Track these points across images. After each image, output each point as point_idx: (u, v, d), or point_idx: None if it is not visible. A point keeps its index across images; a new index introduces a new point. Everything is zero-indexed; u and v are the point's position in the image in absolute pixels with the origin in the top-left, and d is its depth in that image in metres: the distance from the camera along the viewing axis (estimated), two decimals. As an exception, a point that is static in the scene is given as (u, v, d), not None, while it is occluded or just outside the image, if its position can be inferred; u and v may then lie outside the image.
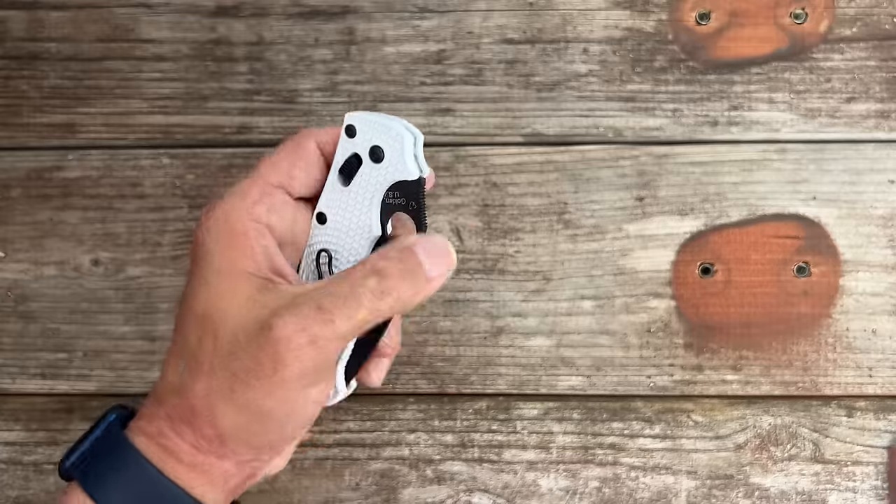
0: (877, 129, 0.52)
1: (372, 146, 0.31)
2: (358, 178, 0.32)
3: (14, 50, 0.54)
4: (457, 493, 0.52)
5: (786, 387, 0.51)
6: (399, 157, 0.31)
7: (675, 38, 0.52)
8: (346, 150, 0.32)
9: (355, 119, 0.32)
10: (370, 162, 0.31)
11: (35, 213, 0.53)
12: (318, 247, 0.33)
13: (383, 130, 0.31)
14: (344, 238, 0.32)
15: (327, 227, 0.32)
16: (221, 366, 0.31)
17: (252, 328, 0.30)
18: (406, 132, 0.32)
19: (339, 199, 0.32)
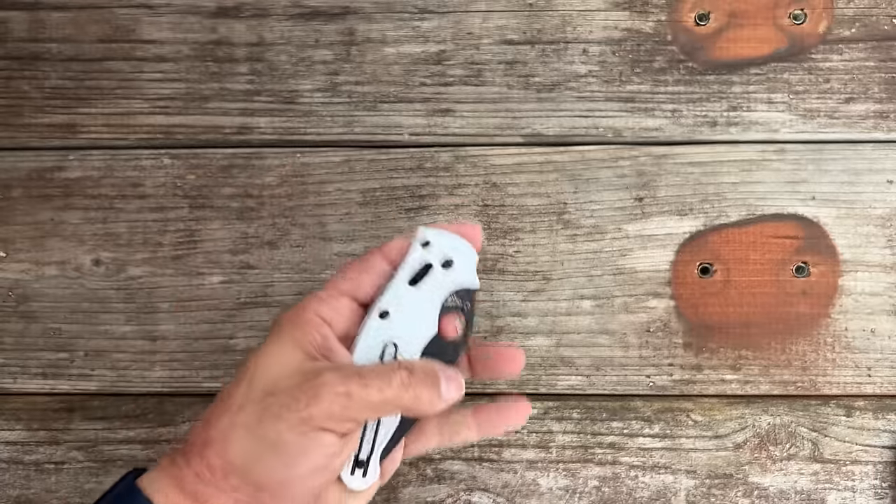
0: (875, 129, 0.52)
1: (444, 258, 0.38)
2: (426, 281, 0.38)
3: (15, 50, 0.54)
4: (457, 492, 0.52)
5: (785, 386, 0.51)
6: (467, 269, 0.39)
7: (675, 38, 0.52)
8: (420, 259, 0.38)
9: (430, 234, 0.38)
10: (441, 269, 0.38)
11: (36, 214, 0.53)
12: (382, 339, 0.38)
13: (455, 246, 0.39)
14: (407, 332, 0.38)
15: (390, 323, 0.38)
16: (254, 402, 0.35)
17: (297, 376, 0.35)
18: (474, 251, 0.39)
19: (404, 298, 0.38)
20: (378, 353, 0.38)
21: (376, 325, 0.38)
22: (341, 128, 0.53)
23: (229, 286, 0.53)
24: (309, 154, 0.53)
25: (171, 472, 0.35)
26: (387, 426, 0.38)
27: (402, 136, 0.53)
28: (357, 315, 0.38)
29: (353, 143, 0.53)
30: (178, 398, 0.53)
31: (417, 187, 0.52)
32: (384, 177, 0.53)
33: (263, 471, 0.34)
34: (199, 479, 0.35)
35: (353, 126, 0.53)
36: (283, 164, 0.53)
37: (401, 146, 0.53)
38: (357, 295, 0.38)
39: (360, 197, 0.53)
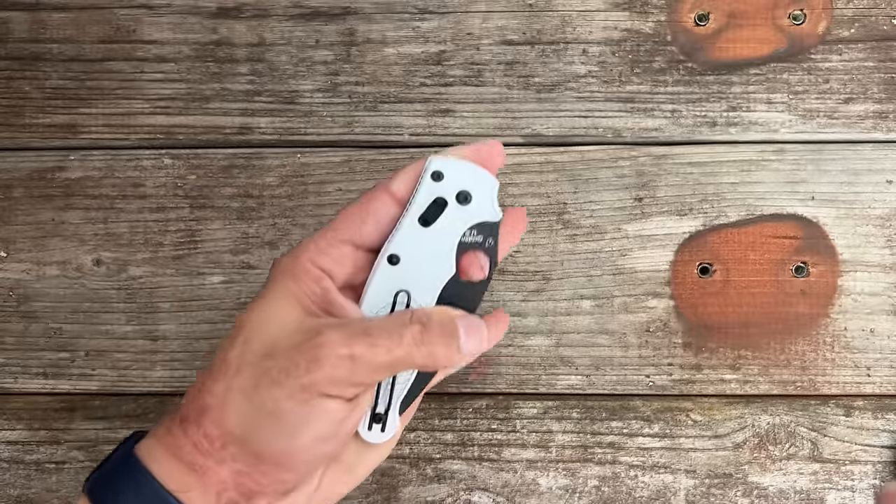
0: (875, 129, 0.52)
1: (461, 190, 0.34)
2: (441, 219, 0.34)
3: (16, 51, 0.54)
4: (457, 491, 0.52)
5: (784, 386, 0.52)
6: (487, 200, 0.34)
7: (674, 39, 0.52)
8: (430, 194, 0.34)
9: (441, 164, 0.34)
10: (456, 204, 0.34)
11: (37, 214, 0.53)
12: (394, 287, 0.34)
13: (471, 175, 0.34)
14: (420, 277, 0.34)
15: (401, 268, 0.34)
16: (251, 364, 0.32)
17: (297, 336, 0.32)
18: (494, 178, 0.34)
19: (415, 240, 0.34)
20: (388, 302, 0.34)
21: (385, 271, 0.34)
22: (341, 128, 0.53)
23: (230, 286, 0.53)
24: (309, 154, 0.53)
25: (167, 442, 0.33)
26: (404, 376, 0.34)
27: (403, 136, 0.53)
28: (362, 262, 0.34)
29: (353, 143, 0.53)
30: (178, 398, 0.53)
31: (417, 187, 0.52)
32: (384, 177, 0.53)
33: (263, 441, 0.32)
34: (196, 449, 0.32)
35: (353, 126, 0.53)
36: (284, 165, 0.53)
37: (401, 146, 0.53)
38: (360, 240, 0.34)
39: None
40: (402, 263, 0.34)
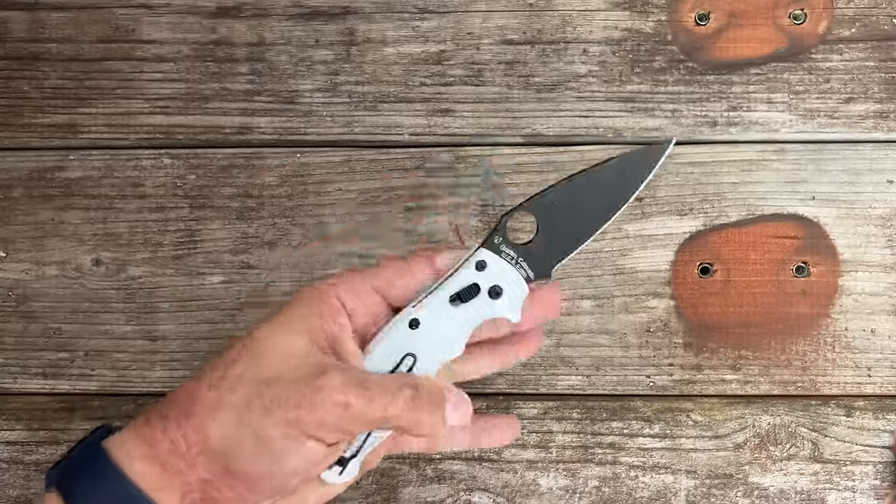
0: (875, 129, 0.52)
1: (494, 285, 0.36)
2: (470, 304, 0.36)
3: (15, 51, 0.54)
4: (457, 491, 0.52)
5: (785, 386, 0.51)
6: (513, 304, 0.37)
7: (675, 38, 0.52)
8: (467, 279, 0.36)
9: (488, 257, 0.37)
10: (487, 296, 0.36)
11: (37, 214, 0.53)
12: (404, 348, 0.36)
13: (509, 276, 0.37)
14: (431, 348, 0.36)
15: (417, 334, 0.36)
16: (249, 385, 0.32)
17: (301, 369, 0.32)
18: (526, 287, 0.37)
19: (440, 313, 0.36)
20: (395, 362, 0.36)
21: (402, 332, 0.36)
22: (341, 128, 0.53)
23: (229, 286, 0.53)
24: (309, 154, 0.53)
25: (144, 434, 0.33)
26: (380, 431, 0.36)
27: (403, 136, 0.53)
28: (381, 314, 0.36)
29: (353, 143, 0.53)
30: (178, 398, 0.53)
31: (418, 187, 0.52)
32: (384, 177, 0.53)
33: (240, 460, 0.32)
34: (173, 448, 0.32)
35: (353, 126, 0.53)
36: (283, 164, 0.53)
37: (401, 146, 0.53)
38: (388, 294, 0.36)
39: (360, 197, 0.53)
40: (420, 330, 0.36)
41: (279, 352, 0.33)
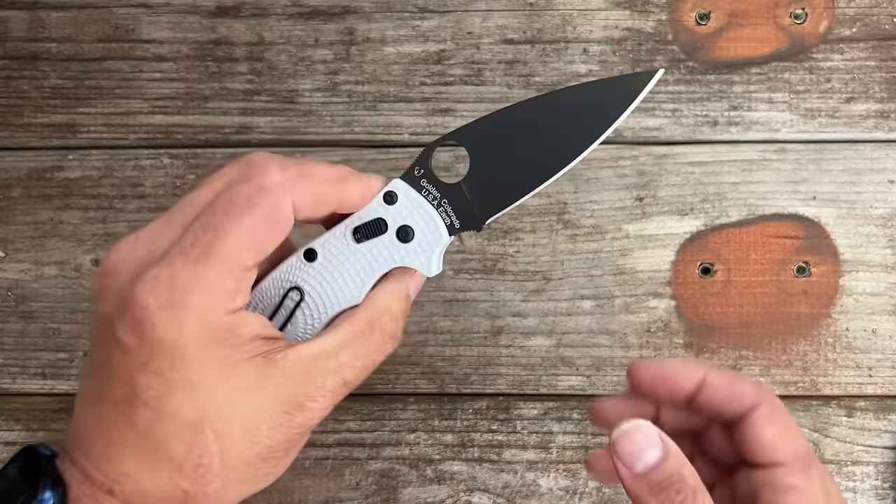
0: (876, 129, 0.52)
1: (404, 225, 0.31)
2: (372, 244, 0.31)
3: (15, 50, 0.54)
4: (457, 492, 0.52)
5: (785, 387, 0.51)
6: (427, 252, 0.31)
7: (675, 38, 0.52)
8: (373, 212, 0.31)
9: (399, 189, 0.31)
10: (395, 239, 0.31)
11: (36, 213, 0.53)
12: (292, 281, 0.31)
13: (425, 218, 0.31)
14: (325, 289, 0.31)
15: (312, 268, 0.31)
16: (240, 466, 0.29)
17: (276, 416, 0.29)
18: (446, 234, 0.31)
19: (339, 249, 0.31)
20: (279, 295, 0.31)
21: (295, 262, 0.31)
22: (341, 127, 0.53)
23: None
24: (308, 154, 0.53)
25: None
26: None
27: (403, 135, 0.53)
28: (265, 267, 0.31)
29: (352, 142, 0.53)
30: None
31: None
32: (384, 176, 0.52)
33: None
34: None
35: (352, 126, 0.53)
36: (283, 164, 0.53)
37: (401, 146, 0.53)
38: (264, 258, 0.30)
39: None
40: (316, 264, 0.31)
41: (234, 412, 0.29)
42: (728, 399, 0.31)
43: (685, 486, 0.28)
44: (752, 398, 0.31)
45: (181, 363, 0.28)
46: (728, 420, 0.32)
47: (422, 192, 0.31)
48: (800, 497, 0.29)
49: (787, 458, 0.30)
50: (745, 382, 0.31)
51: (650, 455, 0.29)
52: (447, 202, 0.31)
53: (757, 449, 0.30)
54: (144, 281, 0.28)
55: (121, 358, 0.28)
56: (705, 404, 0.31)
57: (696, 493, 0.28)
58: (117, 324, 0.28)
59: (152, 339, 0.28)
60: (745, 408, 0.31)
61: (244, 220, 0.29)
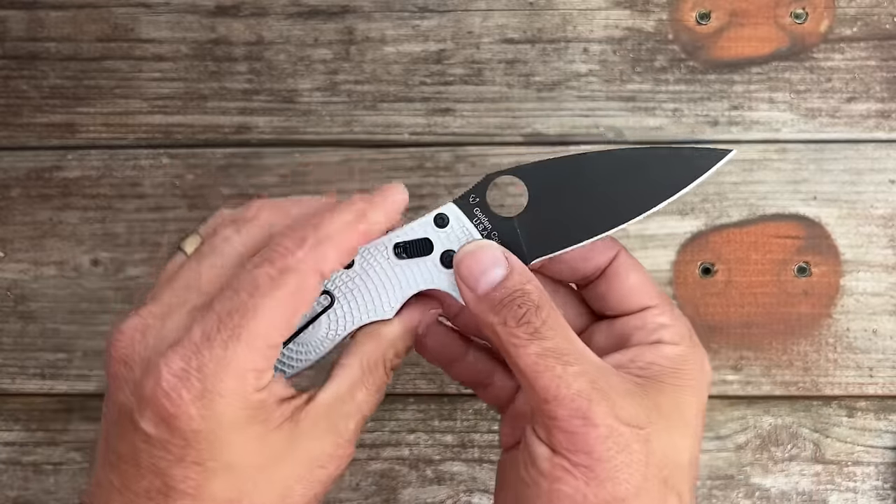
0: (877, 128, 0.52)
1: (449, 250, 0.30)
2: (414, 262, 0.30)
3: (13, 50, 0.54)
4: (457, 493, 0.52)
5: (786, 387, 0.51)
6: None
7: (676, 37, 0.52)
8: (420, 230, 0.31)
9: (452, 213, 0.30)
10: (438, 262, 0.30)
11: (35, 213, 0.53)
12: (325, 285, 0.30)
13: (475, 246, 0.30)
14: (357, 298, 0.31)
15: (346, 276, 0.31)
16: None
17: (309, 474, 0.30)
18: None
19: (378, 261, 0.31)
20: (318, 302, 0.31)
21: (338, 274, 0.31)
22: (341, 127, 0.53)
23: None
24: (308, 154, 0.53)
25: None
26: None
27: (402, 135, 0.53)
28: None
29: (352, 142, 0.53)
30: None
31: (417, 187, 0.52)
32: (384, 176, 0.52)
33: None
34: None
35: (352, 125, 0.53)
36: (282, 164, 0.53)
37: (401, 146, 0.53)
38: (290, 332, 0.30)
39: (359, 197, 0.52)
40: (352, 272, 0.31)
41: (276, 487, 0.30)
42: (584, 256, 0.31)
43: (528, 300, 0.28)
44: (608, 251, 0.31)
45: (218, 450, 0.28)
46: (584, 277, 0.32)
47: (473, 220, 0.31)
48: (672, 333, 0.31)
49: (654, 300, 0.31)
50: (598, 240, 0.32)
51: (494, 274, 0.29)
52: (496, 235, 0.30)
53: (625, 296, 0.31)
54: (172, 373, 0.28)
55: (151, 451, 0.28)
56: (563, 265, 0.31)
57: (539, 306, 0.28)
58: (142, 417, 0.28)
59: (188, 430, 0.28)
60: (603, 262, 0.31)
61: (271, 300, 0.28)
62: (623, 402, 0.28)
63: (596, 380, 0.28)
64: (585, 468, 0.27)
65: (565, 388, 0.27)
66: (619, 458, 0.28)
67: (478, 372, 0.34)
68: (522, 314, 0.28)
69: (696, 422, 0.31)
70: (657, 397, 0.29)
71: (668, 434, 0.29)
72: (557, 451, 0.28)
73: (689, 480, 0.30)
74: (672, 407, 0.30)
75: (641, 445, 0.28)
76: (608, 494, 0.27)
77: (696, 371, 0.31)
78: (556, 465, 0.28)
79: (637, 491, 0.28)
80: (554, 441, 0.28)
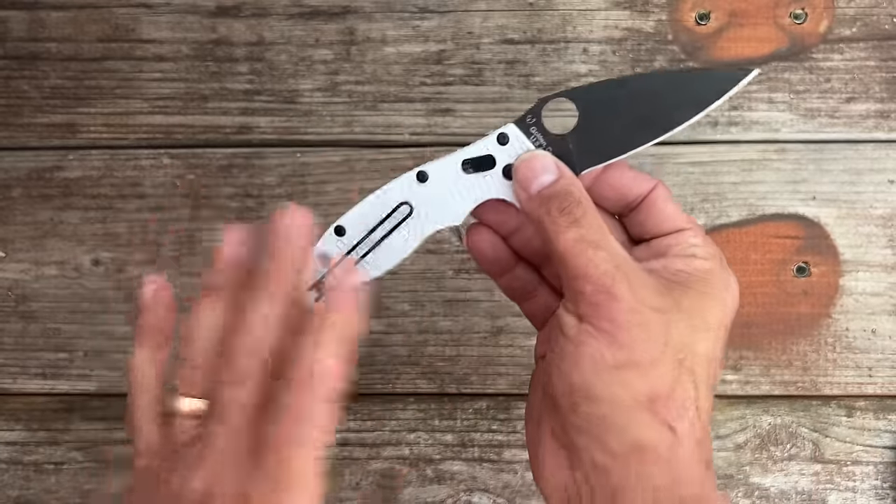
0: (876, 129, 0.52)
1: (510, 164, 0.34)
2: (479, 176, 0.34)
3: (15, 50, 0.54)
4: (457, 492, 0.52)
5: (785, 387, 0.51)
6: None
7: (675, 38, 0.52)
8: (484, 149, 0.34)
9: (511, 132, 0.34)
10: (500, 174, 0.34)
11: (36, 213, 0.53)
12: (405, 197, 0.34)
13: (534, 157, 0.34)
14: (431, 207, 0.34)
15: (422, 188, 0.34)
16: None
17: None
18: None
19: (448, 175, 0.34)
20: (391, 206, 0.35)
21: (408, 181, 0.35)
22: (341, 127, 0.53)
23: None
24: (309, 154, 0.53)
25: None
26: None
27: (403, 135, 0.53)
28: None
29: (353, 142, 0.53)
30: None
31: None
32: (384, 176, 0.52)
33: None
34: None
35: (353, 126, 0.53)
36: (283, 164, 0.53)
37: (401, 146, 0.53)
38: None
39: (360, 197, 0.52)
40: (426, 186, 0.34)
41: None
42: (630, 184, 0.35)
43: (571, 197, 0.32)
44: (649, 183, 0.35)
45: None
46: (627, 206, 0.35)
47: (530, 137, 0.34)
48: (704, 251, 0.34)
49: (689, 224, 0.35)
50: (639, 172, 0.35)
51: (546, 177, 0.33)
52: (552, 149, 0.34)
53: (663, 220, 0.34)
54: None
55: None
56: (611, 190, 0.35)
57: (580, 202, 0.32)
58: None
59: None
60: (644, 190, 0.35)
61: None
62: (646, 290, 0.31)
63: (621, 265, 0.31)
64: (607, 333, 0.30)
65: (594, 268, 0.31)
66: (639, 331, 0.31)
67: (525, 283, 0.37)
68: (566, 206, 0.32)
69: (718, 328, 0.33)
70: (680, 297, 0.32)
71: (688, 327, 0.32)
72: (584, 319, 0.31)
73: (705, 368, 0.32)
74: (694, 308, 0.33)
75: (661, 327, 0.31)
76: (625, 357, 0.30)
77: (721, 286, 0.34)
78: (581, 330, 0.31)
79: (652, 361, 0.31)
80: (581, 311, 0.31)
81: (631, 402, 0.31)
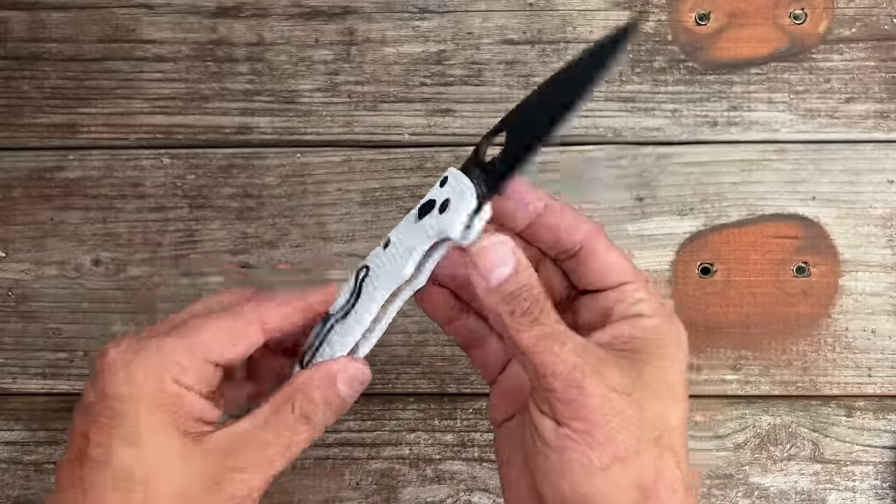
0: (876, 129, 0.52)
1: (446, 199, 0.33)
2: (426, 219, 0.34)
3: (15, 50, 0.54)
4: (457, 492, 0.52)
5: (785, 386, 0.51)
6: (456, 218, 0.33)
7: (675, 38, 0.52)
8: (429, 195, 0.34)
9: (451, 174, 0.34)
10: (437, 212, 0.34)
11: (36, 214, 0.53)
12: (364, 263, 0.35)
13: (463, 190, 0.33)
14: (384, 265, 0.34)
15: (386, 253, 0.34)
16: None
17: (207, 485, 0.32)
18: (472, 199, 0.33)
19: (406, 230, 0.34)
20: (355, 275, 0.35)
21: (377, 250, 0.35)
22: (341, 128, 0.53)
23: (229, 287, 0.53)
24: (309, 154, 0.53)
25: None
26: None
27: (402, 136, 0.53)
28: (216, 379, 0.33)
29: (353, 142, 0.53)
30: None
31: (417, 187, 0.52)
32: (384, 177, 0.53)
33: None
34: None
35: (353, 126, 0.53)
36: (283, 164, 0.53)
37: (401, 146, 0.53)
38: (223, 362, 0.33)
39: (359, 197, 0.52)
40: (389, 249, 0.34)
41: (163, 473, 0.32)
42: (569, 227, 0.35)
43: (531, 294, 0.32)
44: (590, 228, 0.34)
45: (128, 419, 0.31)
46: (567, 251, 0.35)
47: (470, 172, 0.34)
48: (649, 306, 0.34)
49: (631, 276, 0.34)
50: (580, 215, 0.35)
51: (503, 269, 0.32)
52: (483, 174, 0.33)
53: (606, 272, 0.34)
54: (116, 350, 0.32)
55: (84, 416, 0.32)
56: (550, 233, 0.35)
57: (539, 300, 0.32)
58: (90, 390, 0.33)
59: (109, 393, 0.32)
60: (584, 237, 0.34)
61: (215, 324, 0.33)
62: (611, 373, 0.31)
63: (586, 356, 0.31)
64: (585, 433, 0.30)
65: (562, 364, 0.31)
66: (615, 422, 0.30)
67: (472, 332, 0.37)
68: (527, 307, 0.31)
69: (679, 388, 0.33)
70: (641, 368, 0.32)
71: (657, 400, 0.32)
72: (561, 421, 0.31)
73: (681, 439, 0.33)
74: (655, 375, 0.32)
75: (634, 410, 0.31)
76: (610, 456, 0.30)
77: (674, 345, 0.34)
78: (560, 434, 0.31)
79: (634, 451, 0.31)
80: (556, 412, 0.31)
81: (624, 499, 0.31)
